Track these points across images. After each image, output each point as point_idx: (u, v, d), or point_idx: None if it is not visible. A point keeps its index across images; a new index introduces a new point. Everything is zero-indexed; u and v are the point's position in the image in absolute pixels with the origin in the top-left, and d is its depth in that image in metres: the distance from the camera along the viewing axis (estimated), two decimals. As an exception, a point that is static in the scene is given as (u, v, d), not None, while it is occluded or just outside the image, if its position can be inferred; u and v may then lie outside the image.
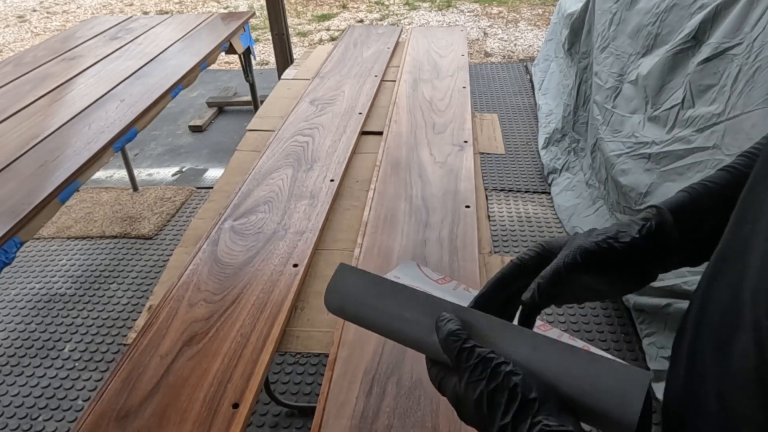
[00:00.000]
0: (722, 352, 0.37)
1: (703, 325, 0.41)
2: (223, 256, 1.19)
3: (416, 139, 1.64)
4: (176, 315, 1.04)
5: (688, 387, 0.42)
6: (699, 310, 0.42)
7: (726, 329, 0.37)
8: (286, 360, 1.88)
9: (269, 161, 1.54)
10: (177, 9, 6.64)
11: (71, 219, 2.67)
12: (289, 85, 2.13)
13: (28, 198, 1.40)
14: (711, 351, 0.39)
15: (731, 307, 0.37)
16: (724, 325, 0.38)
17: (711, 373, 0.39)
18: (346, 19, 5.90)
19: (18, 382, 1.87)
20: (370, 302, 0.47)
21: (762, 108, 1.40)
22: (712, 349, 0.39)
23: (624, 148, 1.97)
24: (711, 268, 0.42)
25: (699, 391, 0.40)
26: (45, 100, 1.96)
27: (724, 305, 0.38)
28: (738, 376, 0.35)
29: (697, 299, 0.43)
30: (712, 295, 0.41)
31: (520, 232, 2.44)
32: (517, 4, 6.01)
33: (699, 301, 0.43)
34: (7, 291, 2.27)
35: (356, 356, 0.94)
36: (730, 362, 0.36)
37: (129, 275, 2.31)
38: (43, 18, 6.54)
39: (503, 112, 3.53)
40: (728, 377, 0.36)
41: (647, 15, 2.06)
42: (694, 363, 0.42)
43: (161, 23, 2.84)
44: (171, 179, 3.07)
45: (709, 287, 0.42)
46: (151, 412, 0.86)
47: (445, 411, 0.84)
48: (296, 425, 1.68)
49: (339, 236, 1.29)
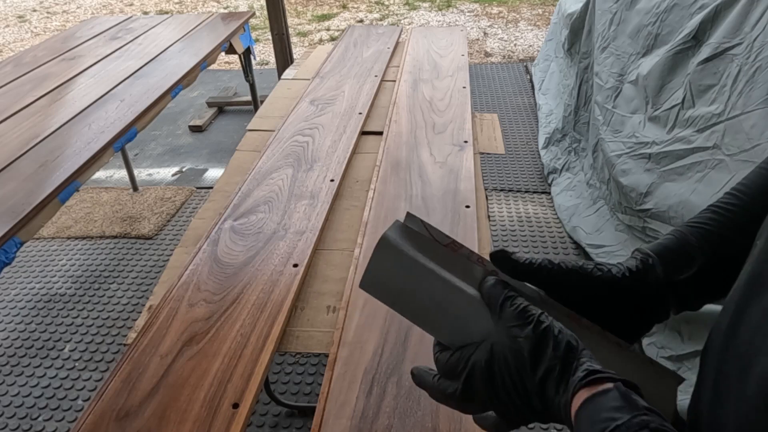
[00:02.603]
0: (745, 375, 0.37)
1: (732, 346, 0.41)
2: (223, 256, 1.19)
3: (416, 139, 1.64)
4: (176, 315, 1.04)
5: (712, 408, 0.42)
6: (729, 328, 0.42)
7: (752, 352, 0.37)
8: (286, 360, 1.88)
9: (269, 161, 1.54)
10: (177, 9, 6.64)
11: (71, 219, 2.67)
12: (289, 85, 2.13)
13: (28, 198, 1.40)
14: (736, 373, 0.39)
15: (760, 330, 0.37)
16: (751, 347, 0.37)
17: (733, 395, 0.38)
18: (346, 19, 5.90)
19: (18, 382, 1.87)
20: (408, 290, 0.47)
21: (762, 108, 1.40)
22: (737, 371, 0.39)
23: (624, 149, 1.97)
24: (743, 288, 0.42)
25: (721, 413, 0.40)
26: (45, 100, 1.96)
27: (754, 327, 0.38)
28: (752, 399, 0.35)
29: (727, 318, 0.43)
30: (743, 316, 0.40)
31: (520, 232, 2.44)
32: (517, 4, 6.01)
33: (728, 321, 0.42)
34: (7, 291, 2.26)
35: (356, 356, 0.94)
36: (748, 386, 0.36)
37: (129, 275, 2.31)
38: (43, 18, 6.54)
39: (503, 112, 3.53)
40: (745, 401, 0.36)
41: (647, 15, 2.06)
42: (719, 384, 0.41)
43: (161, 23, 2.84)
44: (171, 179, 3.07)
45: (740, 308, 0.41)
46: (151, 412, 0.86)
47: (446, 411, 0.84)
48: (296, 425, 1.68)
49: (339, 236, 1.29)
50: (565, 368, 0.39)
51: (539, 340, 0.41)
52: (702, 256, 0.50)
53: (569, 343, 0.40)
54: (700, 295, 0.52)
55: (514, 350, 0.41)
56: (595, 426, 0.37)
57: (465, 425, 0.82)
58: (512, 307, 0.43)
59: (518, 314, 0.42)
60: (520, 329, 0.41)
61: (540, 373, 0.40)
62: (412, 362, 0.92)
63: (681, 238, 0.52)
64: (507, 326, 0.42)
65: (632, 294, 0.50)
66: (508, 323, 0.42)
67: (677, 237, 0.52)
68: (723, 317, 0.43)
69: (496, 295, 0.44)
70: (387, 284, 0.47)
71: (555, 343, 0.40)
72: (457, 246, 0.49)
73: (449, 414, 0.83)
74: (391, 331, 0.99)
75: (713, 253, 0.50)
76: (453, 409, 0.47)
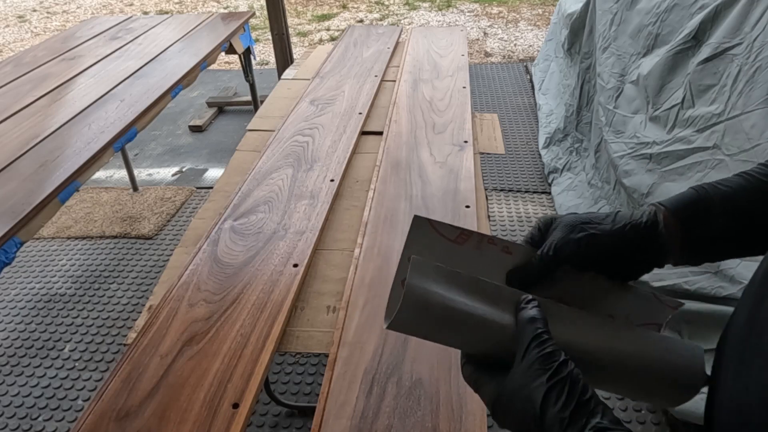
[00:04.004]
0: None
1: (754, 335, 0.40)
2: (223, 256, 1.19)
3: (416, 139, 1.64)
4: (176, 315, 1.04)
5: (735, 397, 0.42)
6: (749, 319, 0.41)
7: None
8: (286, 360, 1.88)
9: (269, 161, 1.54)
10: (177, 9, 6.64)
11: (71, 219, 2.67)
12: (289, 85, 2.13)
13: (28, 198, 1.40)
14: (760, 362, 0.39)
15: None
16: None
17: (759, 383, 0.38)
18: (346, 19, 5.90)
19: (18, 382, 1.87)
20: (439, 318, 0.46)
21: (762, 108, 1.40)
22: (761, 360, 0.39)
23: (626, 149, 1.97)
24: (762, 279, 0.41)
25: (745, 402, 0.40)
26: (45, 100, 1.96)
27: None
28: None
29: (746, 309, 0.42)
30: (762, 306, 0.40)
31: (520, 231, 2.43)
32: (517, 4, 6.01)
33: (748, 312, 0.42)
34: (7, 291, 2.26)
35: (356, 356, 0.94)
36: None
37: (129, 275, 2.31)
38: (43, 18, 6.54)
39: (503, 112, 3.53)
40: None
41: (648, 15, 2.06)
42: (741, 374, 0.41)
43: (161, 23, 2.84)
44: (171, 179, 3.07)
45: (759, 299, 0.41)
46: (151, 412, 0.86)
47: (445, 411, 0.84)
48: (296, 425, 1.68)
49: (339, 236, 1.29)
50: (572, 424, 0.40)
51: (550, 391, 0.41)
52: (721, 217, 0.50)
53: (580, 399, 0.40)
54: (706, 254, 0.52)
55: (526, 396, 0.42)
56: None
57: (465, 425, 0.82)
58: (537, 349, 0.43)
59: (541, 358, 0.42)
60: (537, 376, 0.42)
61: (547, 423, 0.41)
62: (412, 362, 0.92)
63: (703, 196, 0.51)
64: (527, 368, 0.43)
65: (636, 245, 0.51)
66: (529, 365, 0.43)
67: (699, 194, 0.51)
68: (741, 309, 0.43)
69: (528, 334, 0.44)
70: (415, 325, 0.47)
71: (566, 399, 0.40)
72: (466, 235, 0.51)
73: (449, 414, 0.83)
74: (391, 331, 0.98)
75: (732, 218, 0.50)
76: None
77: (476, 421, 0.82)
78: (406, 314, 0.46)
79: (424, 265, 0.47)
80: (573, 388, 0.41)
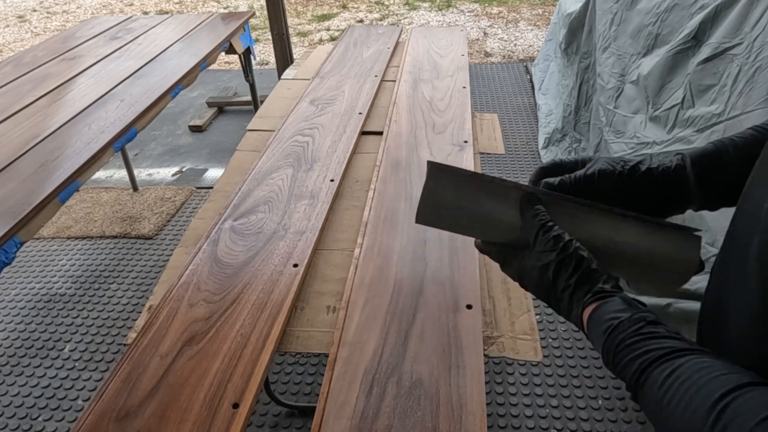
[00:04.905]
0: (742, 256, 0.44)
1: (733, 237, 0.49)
2: (223, 256, 1.19)
3: (416, 139, 1.64)
4: (176, 315, 1.04)
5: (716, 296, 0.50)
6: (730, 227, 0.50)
7: (747, 237, 0.44)
8: (286, 360, 1.88)
9: (269, 161, 1.54)
10: (177, 9, 6.64)
11: (71, 219, 2.67)
12: (289, 85, 2.13)
13: (28, 198, 1.40)
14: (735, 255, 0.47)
15: (753, 216, 0.44)
16: (746, 233, 0.45)
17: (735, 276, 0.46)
18: (346, 19, 5.90)
19: (18, 382, 1.87)
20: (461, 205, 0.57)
21: (762, 108, 1.40)
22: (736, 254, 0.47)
23: (627, 149, 1.97)
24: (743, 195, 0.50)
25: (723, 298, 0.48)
26: (45, 100, 1.96)
27: (748, 216, 0.46)
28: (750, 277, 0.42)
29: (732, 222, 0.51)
30: (741, 209, 0.49)
31: (520, 232, 2.43)
32: (517, 4, 6.01)
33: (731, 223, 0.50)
34: (7, 291, 2.27)
35: (356, 356, 0.94)
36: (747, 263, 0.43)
37: (129, 275, 2.31)
38: (43, 18, 6.54)
39: (503, 112, 3.53)
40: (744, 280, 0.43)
41: (648, 15, 2.06)
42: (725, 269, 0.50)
43: (161, 23, 2.84)
44: (171, 179, 3.07)
45: (740, 205, 0.50)
46: (151, 412, 0.86)
47: (445, 411, 0.84)
48: (296, 425, 1.68)
49: (339, 236, 1.29)
50: (578, 288, 0.49)
51: (559, 264, 0.50)
52: (735, 166, 0.57)
53: (588, 268, 0.49)
54: (723, 198, 0.59)
55: (542, 271, 0.52)
56: (601, 326, 0.46)
57: (465, 425, 0.82)
58: (544, 235, 0.52)
59: (550, 241, 0.51)
60: (548, 255, 0.51)
61: (559, 290, 0.50)
62: (412, 362, 0.92)
63: (720, 148, 0.59)
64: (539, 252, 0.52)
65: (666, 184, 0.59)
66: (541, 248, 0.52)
67: (717, 146, 0.59)
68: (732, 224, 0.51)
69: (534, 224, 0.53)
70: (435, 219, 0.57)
71: (574, 267, 0.50)
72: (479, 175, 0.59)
73: (449, 414, 0.83)
74: (391, 331, 0.99)
75: (744, 166, 0.55)
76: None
77: (476, 421, 0.82)
78: (424, 211, 0.57)
79: (441, 167, 0.57)
80: (578, 261, 0.50)
